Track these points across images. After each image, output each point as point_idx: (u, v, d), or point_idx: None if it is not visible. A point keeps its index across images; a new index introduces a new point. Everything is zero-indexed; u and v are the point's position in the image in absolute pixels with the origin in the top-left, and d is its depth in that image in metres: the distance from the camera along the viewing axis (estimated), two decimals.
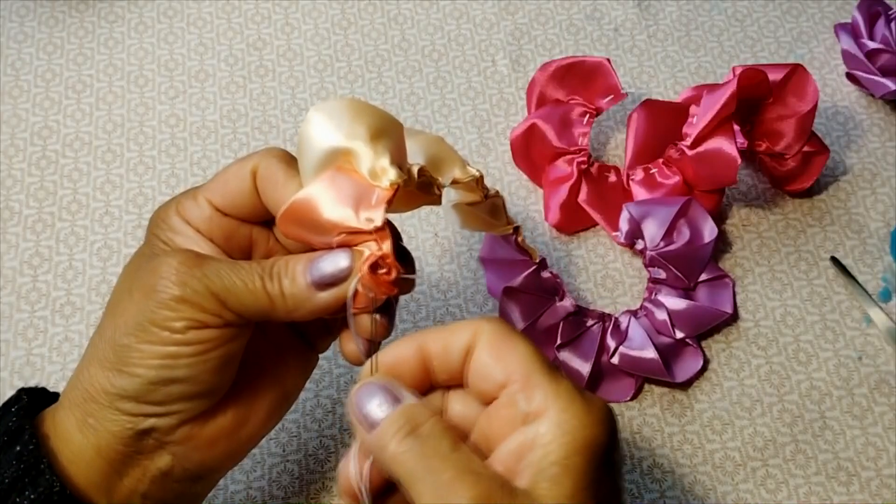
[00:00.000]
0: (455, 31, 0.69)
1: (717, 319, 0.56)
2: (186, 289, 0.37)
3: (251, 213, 0.41)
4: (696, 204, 0.57)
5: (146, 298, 0.38)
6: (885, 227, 0.62)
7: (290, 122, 0.64)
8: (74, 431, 0.39)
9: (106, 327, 0.39)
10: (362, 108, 0.39)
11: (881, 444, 0.55)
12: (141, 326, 0.38)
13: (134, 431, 0.38)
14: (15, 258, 0.59)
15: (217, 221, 0.41)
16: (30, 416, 0.39)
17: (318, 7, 0.70)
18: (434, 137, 0.42)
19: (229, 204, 0.41)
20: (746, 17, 0.71)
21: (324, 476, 0.52)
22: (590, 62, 0.63)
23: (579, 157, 0.60)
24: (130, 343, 0.38)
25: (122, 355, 0.38)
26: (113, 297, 0.40)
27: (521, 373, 0.35)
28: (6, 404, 0.40)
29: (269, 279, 0.39)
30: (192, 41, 0.68)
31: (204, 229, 0.41)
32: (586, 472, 0.34)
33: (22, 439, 0.38)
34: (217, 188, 0.41)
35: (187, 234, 0.41)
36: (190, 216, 0.41)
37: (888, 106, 0.67)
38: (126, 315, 0.38)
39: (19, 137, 0.63)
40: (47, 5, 0.69)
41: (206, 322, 0.38)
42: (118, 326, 0.38)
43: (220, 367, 0.39)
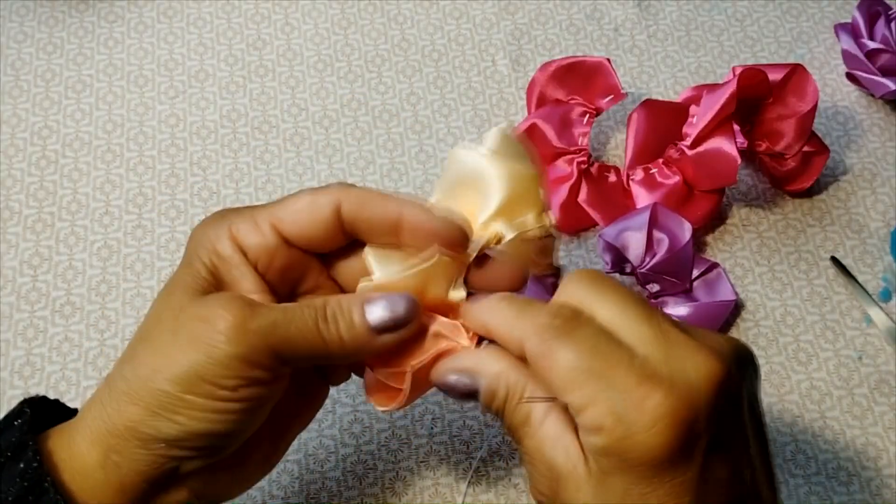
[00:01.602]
0: (455, 31, 0.69)
1: (726, 311, 0.56)
2: (242, 347, 0.36)
3: (320, 245, 0.40)
4: (662, 207, 0.57)
5: (196, 350, 0.36)
6: (885, 227, 0.62)
7: (290, 122, 0.64)
8: (95, 467, 0.37)
9: (142, 364, 0.37)
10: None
11: (881, 444, 0.55)
12: (188, 378, 0.36)
13: (159, 472, 0.37)
14: (15, 258, 0.59)
15: (280, 252, 0.39)
16: (33, 431, 0.38)
17: (318, 7, 0.70)
18: (528, 175, 0.41)
19: (302, 235, 0.39)
20: (746, 17, 0.71)
21: (324, 476, 0.52)
22: (590, 62, 0.63)
23: (579, 157, 0.60)
24: (175, 392, 0.36)
25: (164, 401, 0.36)
26: (149, 330, 0.38)
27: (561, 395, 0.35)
28: (8, 417, 0.39)
29: (323, 322, 0.37)
30: (192, 41, 0.68)
31: (261, 259, 0.39)
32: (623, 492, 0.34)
33: (25, 456, 0.37)
34: (289, 217, 0.39)
35: (237, 264, 0.39)
36: (248, 243, 0.39)
37: (888, 106, 0.67)
38: (171, 361, 0.36)
39: (19, 137, 0.63)
40: (47, 5, 0.69)
41: (259, 378, 0.37)
42: (160, 370, 0.36)
43: (262, 418, 0.38)
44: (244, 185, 0.62)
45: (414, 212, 0.39)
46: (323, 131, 0.64)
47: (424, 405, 0.54)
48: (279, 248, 0.39)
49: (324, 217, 0.39)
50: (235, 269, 0.39)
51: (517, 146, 0.41)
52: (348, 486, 0.52)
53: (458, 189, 0.41)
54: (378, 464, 0.53)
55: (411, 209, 0.39)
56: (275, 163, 0.63)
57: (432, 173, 0.63)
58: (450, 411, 0.54)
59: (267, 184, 0.62)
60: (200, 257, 0.39)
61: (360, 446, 0.53)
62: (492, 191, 0.40)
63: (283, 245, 0.39)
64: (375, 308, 0.38)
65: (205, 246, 0.39)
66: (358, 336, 0.38)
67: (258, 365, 0.36)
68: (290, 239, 0.39)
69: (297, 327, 0.37)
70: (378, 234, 0.40)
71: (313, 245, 0.40)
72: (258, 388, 0.37)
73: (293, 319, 0.37)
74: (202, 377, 0.36)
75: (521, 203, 0.40)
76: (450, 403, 0.54)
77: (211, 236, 0.39)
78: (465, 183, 0.41)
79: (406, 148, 0.64)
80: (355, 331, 0.38)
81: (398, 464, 0.53)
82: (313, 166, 0.63)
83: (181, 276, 0.39)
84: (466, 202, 0.41)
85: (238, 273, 0.39)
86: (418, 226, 0.39)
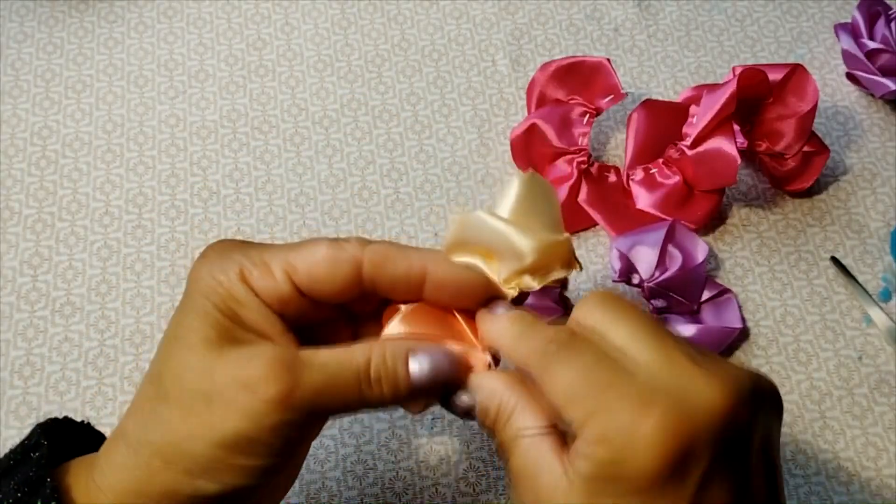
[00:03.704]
0: (455, 31, 0.69)
1: (730, 337, 0.56)
2: (290, 414, 0.35)
3: (336, 299, 0.39)
4: (682, 226, 0.56)
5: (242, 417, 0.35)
6: (885, 227, 0.62)
7: (290, 122, 0.64)
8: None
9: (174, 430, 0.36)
10: None
11: (881, 444, 0.55)
12: (235, 444, 0.35)
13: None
14: (15, 258, 0.59)
15: (295, 301, 0.38)
16: (51, 464, 0.37)
17: (318, 7, 0.70)
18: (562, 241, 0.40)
19: (317, 286, 0.38)
20: (746, 17, 0.71)
21: (324, 476, 0.52)
22: (590, 62, 0.63)
23: (579, 157, 0.60)
24: (221, 456, 0.35)
25: (206, 465, 0.35)
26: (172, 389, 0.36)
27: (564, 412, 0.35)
28: (25, 448, 0.38)
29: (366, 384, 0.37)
30: (192, 41, 0.68)
31: (276, 306, 0.38)
32: None
33: (43, 492, 0.36)
34: (304, 268, 0.38)
35: (256, 308, 0.37)
36: (261, 288, 0.37)
37: (888, 106, 0.67)
38: (212, 427, 0.35)
39: (19, 137, 0.63)
40: (47, 5, 0.69)
41: (303, 436, 0.37)
42: (199, 436, 0.35)
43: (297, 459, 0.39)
44: (244, 185, 0.62)
45: (439, 266, 0.38)
46: (323, 131, 0.64)
47: None
48: (293, 297, 0.38)
49: (343, 275, 0.38)
50: (254, 314, 0.37)
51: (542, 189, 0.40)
52: (348, 486, 0.52)
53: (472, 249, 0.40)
54: (378, 464, 0.53)
55: (436, 264, 0.38)
56: (275, 163, 0.63)
57: (432, 173, 0.63)
58: None
59: (267, 184, 0.62)
60: (213, 301, 0.37)
61: (360, 446, 0.53)
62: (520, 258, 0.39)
63: (297, 294, 0.38)
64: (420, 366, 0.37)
65: (216, 290, 0.37)
66: (401, 394, 0.38)
67: (302, 425, 0.36)
68: (304, 291, 0.38)
69: (339, 391, 0.37)
70: (400, 291, 0.39)
71: (326, 298, 0.38)
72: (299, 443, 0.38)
73: (337, 383, 0.36)
74: (250, 442, 0.35)
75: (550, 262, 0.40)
76: None
77: (222, 279, 0.37)
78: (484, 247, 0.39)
79: (406, 148, 0.64)
80: (399, 391, 0.37)
81: (398, 464, 0.53)
82: (313, 166, 0.63)
83: (194, 323, 0.37)
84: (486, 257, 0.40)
85: (258, 317, 0.37)
86: (444, 281, 0.39)
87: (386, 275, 0.38)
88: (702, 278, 0.56)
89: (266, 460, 0.36)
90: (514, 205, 0.40)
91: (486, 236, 0.39)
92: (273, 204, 0.61)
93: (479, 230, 0.39)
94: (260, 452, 0.36)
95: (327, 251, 0.38)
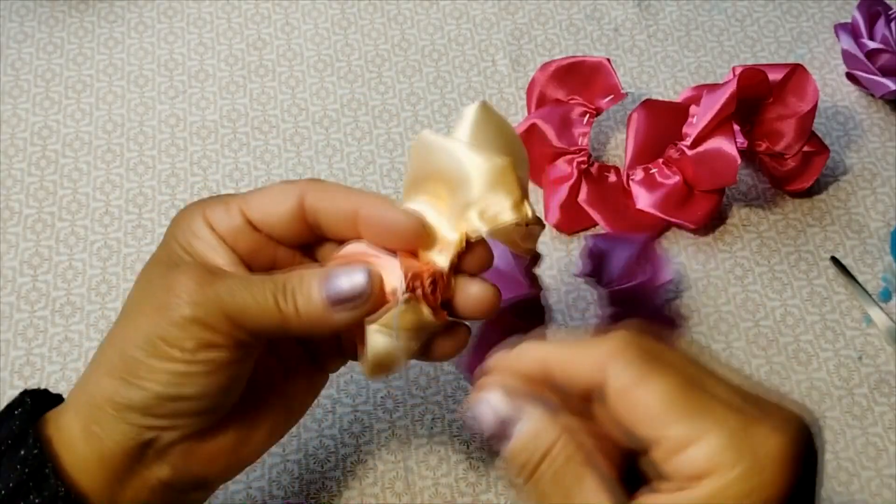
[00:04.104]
0: (455, 31, 0.69)
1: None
2: (198, 309, 0.37)
3: (285, 236, 0.41)
4: (657, 246, 0.57)
5: (158, 315, 0.37)
6: (885, 227, 0.62)
7: (290, 122, 0.64)
8: (78, 439, 0.38)
9: (116, 336, 0.39)
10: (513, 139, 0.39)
11: (881, 444, 0.55)
12: (151, 342, 0.37)
13: (136, 443, 0.38)
14: (15, 258, 0.59)
15: (246, 234, 0.40)
16: (33, 420, 0.38)
17: (318, 7, 0.70)
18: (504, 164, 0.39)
19: (266, 221, 0.40)
20: (746, 17, 0.71)
21: (324, 476, 0.52)
22: (590, 62, 0.63)
23: (579, 157, 0.60)
24: (140, 357, 0.37)
25: (131, 367, 0.37)
26: (126, 305, 0.40)
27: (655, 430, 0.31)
28: (9, 407, 0.39)
29: (282, 296, 0.38)
30: (192, 41, 0.68)
31: (229, 239, 0.40)
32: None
33: (26, 443, 0.37)
34: (256, 203, 0.40)
35: (209, 240, 0.40)
36: (217, 223, 0.40)
37: (888, 106, 0.67)
38: (137, 328, 0.38)
39: (19, 137, 0.63)
40: (47, 5, 0.69)
41: (217, 342, 0.37)
42: (128, 338, 0.38)
43: (229, 386, 0.38)
44: (244, 185, 0.62)
45: (372, 206, 0.39)
46: (323, 131, 0.64)
47: (424, 405, 0.54)
48: (244, 230, 0.40)
49: (287, 206, 0.40)
50: (208, 246, 0.40)
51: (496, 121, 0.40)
52: (348, 486, 0.52)
53: (427, 183, 0.40)
54: (378, 464, 0.53)
55: (370, 203, 0.39)
56: (275, 163, 0.63)
57: None
58: (450, 411, 0.54)
59: (267, 184, 0.62)
60: (176, 236, 0.40)
61: (360, 446, 0.53)
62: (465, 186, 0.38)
63: (249, 228, 0.40)
64: (334, 280, 0.38)
65: (181, 227, 0.40)
66: (314, 310, 0.38)
67: (215, 329, 0.37)
68: (255, 224, 0.40)
69: (253, 296, 0.37)
70: (338, 228, 0.40)
71: (276, 232, 0.40)
72: (218, 352, 0.37)
73: (251, 290, 0.37)
74: (163, 339, 0.37)
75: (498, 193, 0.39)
76: (450, 403, 0.54)
77: (187, 218, 0.40)
78: (435, 177, 0.39)
79: (406, 148, 0.64)
80: (312, 305, 0.37)
81: (398, 464, 0.53)
82: (313, 166, 0.63)
83: (158, 254, 0.41)
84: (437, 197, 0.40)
85: (211, 249, 0.40)
86: (375, 220, 0.39)
87: (322, 209, 0.39)
88: (661, 300, 0.56)
89: (179, 364, 0.37)
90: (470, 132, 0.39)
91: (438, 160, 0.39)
92: None
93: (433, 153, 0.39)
94: (171, 354, 0.37)
95: (278, 186, 0.40)
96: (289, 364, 0.43)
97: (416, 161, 0.40)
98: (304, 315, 0.38)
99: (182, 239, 0.40)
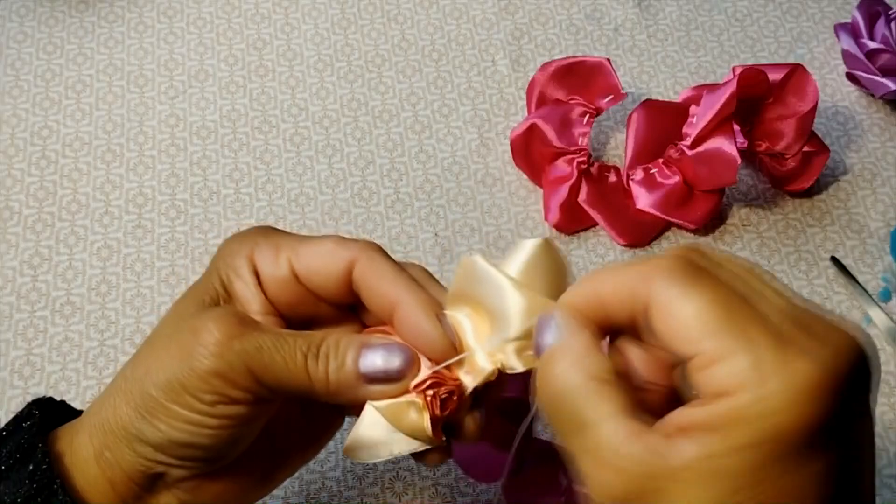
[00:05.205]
0: (455, 31, 0.69)
1: None
2: (222, 362, 0.35)
3: (330, 297, 0.39)
4: None
5: (182, 359, 0.36)
6: (885, 227, 0.62)
7: (290, 122, 0.64)
8: (91, 461, 0.37)
9: (139, 365, 0.37)
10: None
11: (881, 444, 0.54)
12: (171, 386, 0.36)
13: (145, 474, 0.37)
14: (15, 258, 0.59)
15: (290, 287, 0.38)
16: (42, 433, 0.38)
17: (318, 7, 0.70)
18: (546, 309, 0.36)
19: (312, 279, 0.38)
20: (746, 17, 0.71)
21: (324, 476, 0.52)
22: (590, 62, 0.63)
23: (579, 157, 0.60)
24: (159, 397, 0.36)
25: (149, 405, 0.36)
26: (154, 334, 0.38)
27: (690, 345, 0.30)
28: (17, 419, 0.39)
29: (313, 359, 0.36)
30: (192, 41, 0.68)
31: (272, 288, 0.38)
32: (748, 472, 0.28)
33: (35, 458, 0.37)
34: (306, 258, 0.38)
35: (250, 284, 0.38)
36: (263, 269, 0.38)
37: (888, 106, 0.67)
38: (161, 366, 0.36)
39: (19, 137, 0.63)
40: (47, 5, 0.69)
41: (238, 398, 0.36)
42: (150, 373, 0.36)
43: (243, 437, 0.38)
44: (244, 185, 0.62)
45: (410, 309, 0.37)
46: (323, 131, 0.64)
47: None
48: (290, 282, 0.38)
49: (336, 270, 0.38)
50: (248, 290, 0.38)
51: (553, 259, 0.38)
52: (348, 486, 0.52)
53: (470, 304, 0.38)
54: (378, 464, 0.52)
55: (409, 305, 0.37)
56: (275, 163, 0.63)
57: (432, 173, 0.63)
58: None
59: (267, 184, 0.62)
60: (218, 269, 0.38)
61: None
62: (505, 322, 0.37)
63: (295, 281, 0.38)
64: (371, 355, 0.36)
65: (225, 260, 0.39)
66: (345, 380, 0.36)
67: (237, 385, 0.35)
68: (301, 279, 0.38)
69: (283, 357, 0.36)
70: (376, 310, 0.38)
71: (321, 293, 0.39)
72: (237, 408, 0.36)
73: (281, 348, 0.36)
74: (183, 386, 0.35)
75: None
76: None
77: (234, 250, 0.39)
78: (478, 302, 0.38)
79: (406, 148, 0.64)
80: (344, 374, 0.36)
81: (398, 464, 0.53)
82: (313, 166, 0.63)
83: (198, 284, 0.39)
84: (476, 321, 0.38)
85: (249, 293, 0.38)
86: (410, 325, 0.37)
87: (365, 289, 0.38)
88: None
89: (195, 414, 0.36)
90: (522, 268, 0.38)
91: (484, 289, 0.37)
92: (273, 204, 0.61)
93: (479, 280, 0.37)
94: (194, 404, 0.35)
95: (332, 245, 0.38)
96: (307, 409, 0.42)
97: (462, 281, 0.38)
98: (333, 383, 0.36)
99: (223, 274, 0.38)
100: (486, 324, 0.38)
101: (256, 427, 0.38)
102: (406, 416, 0.37)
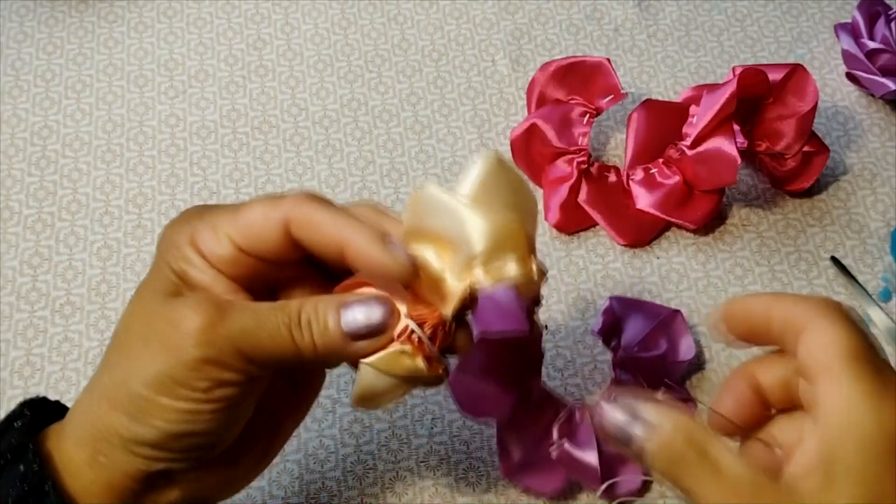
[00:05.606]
0: (455, 31, 0.69)
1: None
2: (210, 349, 0.35)
3: (278, 257, 0.38)
4: (682, 319, 0.54)
5: (167, 354, 0.36)
6: (885, 227, 0.62)
7: (290, 122, 0.64)
8: (84, 467, 0.37)
9: (117, 367, 0.37)
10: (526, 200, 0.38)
11: None
12: (160, 381, 0.36)
13: (146, 473, 0.37)
14: (15, 258, 0.59)
15: (240, 261, 0.38)
16: (32, 433, 0.38)
17: (318, 7, 0.70)
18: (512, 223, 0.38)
19: (255, 248, 0.38)
20: (746, 17, 0.71)
21: (324, 476, 0.52)
22: (590, 62, 0.63)
23: (579, 157, 0.60)
24: (149, 395, 0.36)
25: (139, 405, 0.36)
26: (123, 336, 0.38)
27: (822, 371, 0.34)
28: (8, 419, 0.39)
29: (296, 328, 0.37)
30: (192, 41, 0.68)
31: (224, 268, 0.38)
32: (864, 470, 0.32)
33: (26, 458, 0.36)
34: (241, 229, 0.38)
35: (204, 269, 0.38)
36: (208, 252, 0.38)
37: (888, 106, 0.67)
38: (143, 364, 0.36)
39: (19, 137, 0.63)
40: (47, 5, 0.69)
41: (231, 380, 0.36)
42: (133, 373, 0.36)
43: (239, 417, 0.38)
44: (244, 185, 0.62)
45: (358, 245, 0.37)
46: (323, 131, 0.64)
47: (424, 405, 0.54)
48: (238, 256, 0.38)
49: (274, 233, 0.38)
50: (203, 273, 0.38)
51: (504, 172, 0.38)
52: (348, 486, 0.52)
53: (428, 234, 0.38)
54: (378, 464, 0.53)
55: (356, 241, 0.37)
56: (275, 163, 0.63)
57: (432, 173, 0.63)
58: (450, 411, 0.54)
59: (267, 184, 0.62)
60: (168, 261, 0.38)
61: (360, 446, 0.53)
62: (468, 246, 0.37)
63: (242, 254, 0.38)
64: (351, 313, 0.37)
65: (171, 249, 0.38)
66: (331, 342, 0.37)
67: (228, 367, 0.36)
68: (246, 251, 0.38)
69: (268, 333, 0.36)
70: (331, 262, 0.38)
71: (271, 258, 0.38)
72: (231, 389, 0.36)
73: (264, 324, 0.36)
74: (174, 379, 0.36)
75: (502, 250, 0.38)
76: (450, 403, 0.54)
77: (176, 240, 0.38)
78: (436, 233, 0.38)
79: (406, 148, 0.64)
80: (329, 337, 0.37)
81: (398, 464, 0.53)
82: (313, 166, 0.63)
83: (150, 279, 0.39)
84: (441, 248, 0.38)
85: (206, 276, 0.38)
86: (363, 262, 0.37)
87: (308, 242, 0.38)
88: (674, 377, 0.53)
89: (191, 403, 0.36)
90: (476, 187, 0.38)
91: (440, 218, 0.37)
92: None
93: (434, 210, 0.37)
94: (183, 394, 0.36)
95: (262, 209, 0.38)
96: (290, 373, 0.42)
97: (416, 214, 0.38)
98: (321, 347, 0.37)
99: (175, 266, 0.38)
100: (450, 253, 0.38)
101: (251, 404, 0.39)
102: (400, 363, 0.38)
